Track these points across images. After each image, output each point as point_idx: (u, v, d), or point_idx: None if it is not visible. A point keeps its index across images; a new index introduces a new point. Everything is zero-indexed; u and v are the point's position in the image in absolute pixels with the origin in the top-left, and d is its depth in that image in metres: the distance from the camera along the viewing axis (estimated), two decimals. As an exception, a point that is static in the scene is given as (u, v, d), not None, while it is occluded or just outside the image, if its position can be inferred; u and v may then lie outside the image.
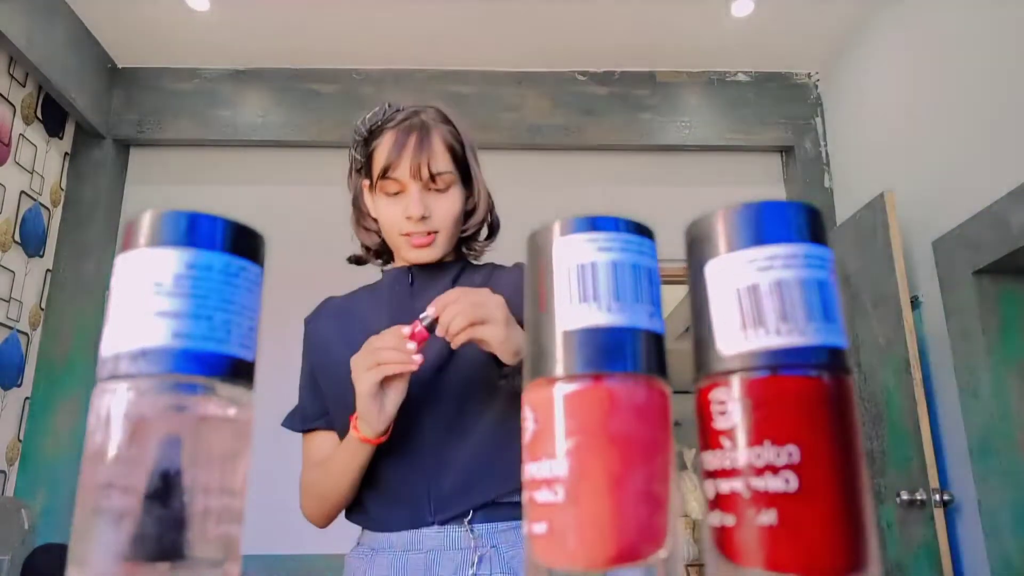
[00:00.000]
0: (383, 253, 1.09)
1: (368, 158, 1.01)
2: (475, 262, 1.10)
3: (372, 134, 1.01)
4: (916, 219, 2.40)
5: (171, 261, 0.25)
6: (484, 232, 1.10)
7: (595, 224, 0.26)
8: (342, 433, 0.96)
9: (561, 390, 0.25)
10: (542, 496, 0.25)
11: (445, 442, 0.94)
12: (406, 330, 0.84)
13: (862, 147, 2.81)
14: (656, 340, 0.26)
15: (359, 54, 3.04)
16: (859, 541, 0.23)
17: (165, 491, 0.24)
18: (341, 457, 0.92)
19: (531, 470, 0.25)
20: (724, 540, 0.24)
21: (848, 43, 2.89)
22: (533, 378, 0.26)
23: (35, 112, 2.72)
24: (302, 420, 1.04)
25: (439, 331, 0.83)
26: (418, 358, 0.84)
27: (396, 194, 0.98)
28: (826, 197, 3.00)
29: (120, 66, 3.07)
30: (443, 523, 0.93)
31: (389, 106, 1.01)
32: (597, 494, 0.24)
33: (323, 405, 1.02)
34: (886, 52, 2.65)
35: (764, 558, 0.22)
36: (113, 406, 0.24)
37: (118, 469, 0.24)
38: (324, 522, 0.99)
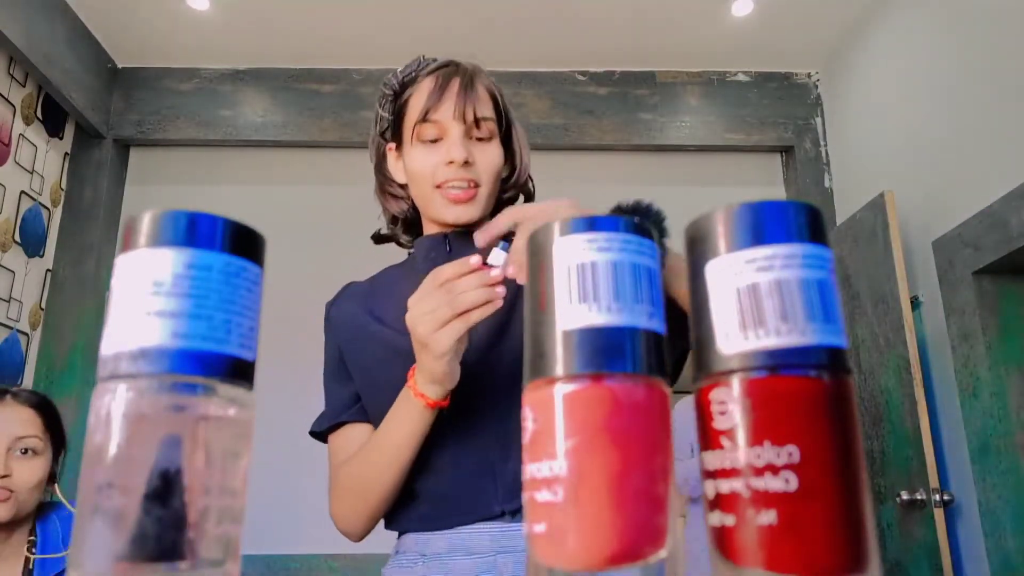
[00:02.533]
0: (412, 226, 0.98)
1: (399, 112, 0.92)
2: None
3: (405, 86, 0.92)
4: (916, 219, 2.40)
5: (171, 261, 0.25)
6: (521, 201, 1.00)
7: (595, 224, 0.26)
8: (379, 417, 0.82)
9: (561, 390, 0.25)
10: (542, 496, 0.25)
11: (507, 418, 0.80)
12: (475, 259, 0.68)
13: (862, 147, 2.81)
14: (656, 340, 0.26)
15: (359, 54, 3.04)
16: (859, 541, 0.23)
17: (165, 491, 0.24)
18: (396, 432, 0.77)
19: (531, 470, 0.25)
20: (724, 540, 0.24)
21: (848, 43, 2.89)
22: (533, 378, 0.26)
23: (35, 112, 2.72)
24: (332, 415, 0.89)
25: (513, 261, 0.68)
26: (501, 289, 0.68)
27: (434, 142, 0.87)
28: (826, 197, 3.00)
29: (120, 66, 3.07)
30: (514, 514, 0.79)
31: (424, 58, 0.93)
32: (597, 494, 0.24)
33: (352, 393, 0.89)
34: (886, 52, 2.65)
35: (764, 558, 0.22)
36: (113, 406, 0.24)
37: (118, 469, 0.24)
38: (365, 525, 0.84)
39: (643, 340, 0.25)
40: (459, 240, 0.91)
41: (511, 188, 0.97)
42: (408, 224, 0.98)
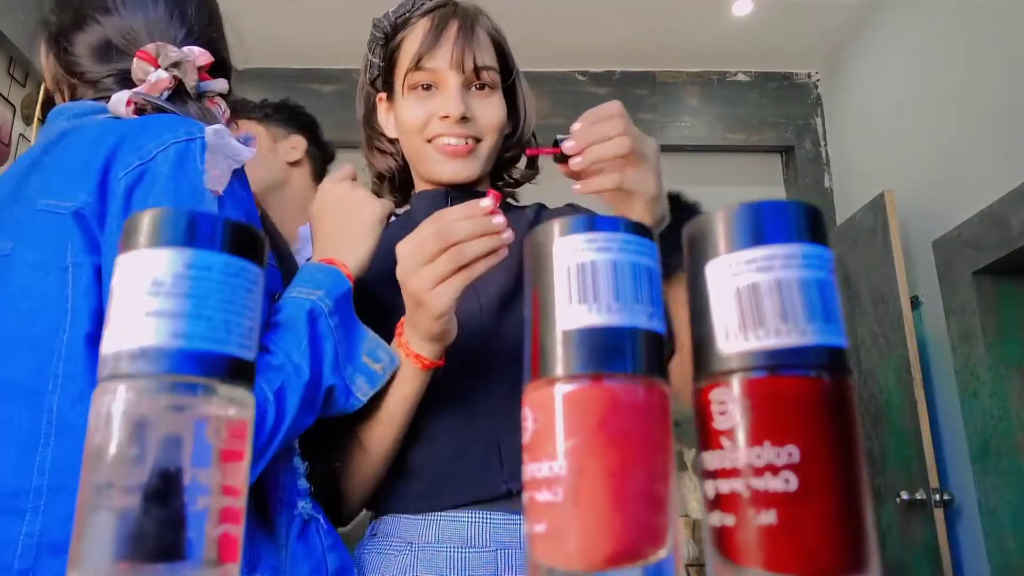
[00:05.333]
0: (400, 184, 0.88)
1: (391, 58, 0.83)
2: (513, 202, 0.92)
3: (397, 28, 0.83)
4: (916, 219, 2.40)
5: (171, 261, 0.25)
6: (523, 162, 0.93)
7: (595, 224, 0.26)
8: None
9: (561, 390, 0.25)
10: (542, 496, 0.25)
11: (517, 389, 0.70)
12: (486, 202, 0.59)
13: (862, 147, 2.80)
14: (656, 340, 0.26)
15: (359, 54, 3.03)
16: (859, 541, 0.23)
17: (165, 491, 0.24)
18: (388, 397, 0.68)
19: (531, 470, 0.25)
20: (724, 540, 0.24)
21: (848, 43, 2.89)
22: (533, 378, 0.26)
23: (35, 112, 2.72)
24: None
25: (574, 158, 0.60)
26: (508, 235, 0.59)
27: (428, 89, 0.79)
28: (826, 197, 3.00)
29: (120, 66, 3.07)
30: (519, 493, 0.69)
31: None
32: (597, 494, 0.24)
33: None
34: (886, 52, 2.65)
35: (764, 558, 0.22)
36: (113, 406, 0.24)
37: (118, 469, 0.24)
38: (350, 511, 0.76)
39: (643, 340, 0.25)
40: (461, 196, 0.80)
41: (514, 146, 0.88)
42: (395, 183, 0.89)
